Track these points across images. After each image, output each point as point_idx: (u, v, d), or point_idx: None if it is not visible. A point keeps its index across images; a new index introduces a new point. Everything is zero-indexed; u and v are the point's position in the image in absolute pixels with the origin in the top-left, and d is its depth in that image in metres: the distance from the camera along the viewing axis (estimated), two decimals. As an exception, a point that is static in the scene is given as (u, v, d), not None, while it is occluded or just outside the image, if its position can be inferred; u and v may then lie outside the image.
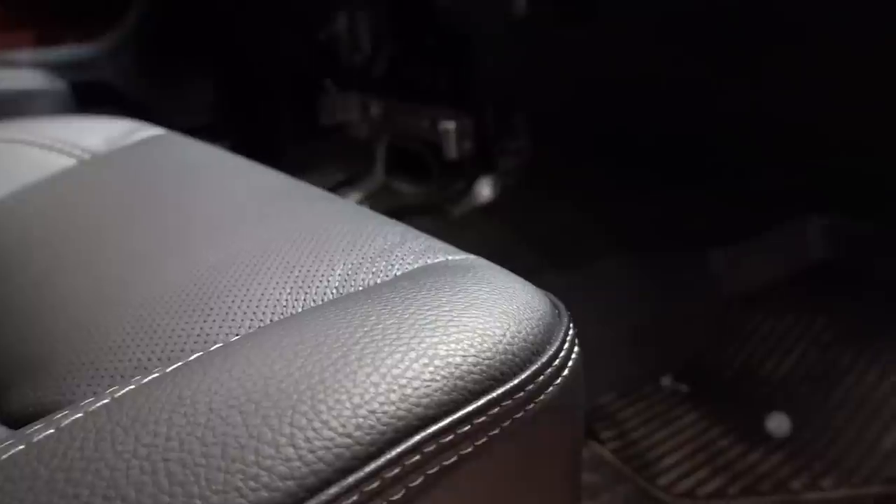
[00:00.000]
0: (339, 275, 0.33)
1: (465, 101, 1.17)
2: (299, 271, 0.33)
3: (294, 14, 1.39)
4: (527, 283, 0.31)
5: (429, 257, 0.33)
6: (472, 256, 0.33)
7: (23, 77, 1.22)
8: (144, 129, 0.67)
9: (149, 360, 0.30)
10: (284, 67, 1.57)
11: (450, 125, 1.13)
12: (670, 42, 0.90)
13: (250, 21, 1.52)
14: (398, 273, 0.32)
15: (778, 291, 1.10)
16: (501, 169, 1.22)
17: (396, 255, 0.33)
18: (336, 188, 1.44)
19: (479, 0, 0.86)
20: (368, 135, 1.45)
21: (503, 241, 1.13)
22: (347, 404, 0.23)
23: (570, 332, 0.29)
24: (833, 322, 1.03)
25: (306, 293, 0.32)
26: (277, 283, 0.32)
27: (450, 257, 0.33)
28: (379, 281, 0.32)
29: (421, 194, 1.30)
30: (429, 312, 0.27)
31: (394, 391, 0.24)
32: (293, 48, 1.53)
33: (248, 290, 0.32)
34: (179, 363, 0.27)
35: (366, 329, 0.26)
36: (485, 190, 1.22)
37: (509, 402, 0.25)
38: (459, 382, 0.25)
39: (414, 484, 0.23)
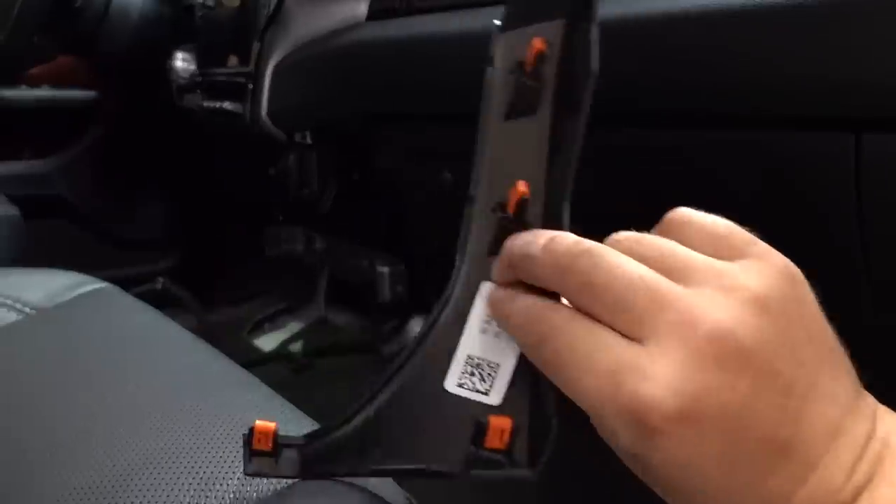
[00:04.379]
0: (238, 479, 0.38)
1: (401, 249, 1.25)
2: (203, 473, 0.38)
3: (248, 150, 1.48)
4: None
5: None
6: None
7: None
8: (85, 284, 0.72)
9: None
10: (234, 195, 1.65)
11: (384, 269, 1.20)
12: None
13: (203, 151, 1.60)
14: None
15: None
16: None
17: (290, 462, 0.39)
18: (276, 316, 1.49)
19: (410, 167, 0.95)
20: (311, 264, 1.52)
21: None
22: None
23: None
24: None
25: (206, 497, 0.37)
26: (182, 486, 0.37)
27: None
28: (271, 491, 0.37)
29: (356, 329, 1.35)
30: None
31: None
32: (244, 179, 1.61)
33: (154, 494, 0.37)
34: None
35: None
36: (416, 329, 1.29)
37: None
38: None
39: None
